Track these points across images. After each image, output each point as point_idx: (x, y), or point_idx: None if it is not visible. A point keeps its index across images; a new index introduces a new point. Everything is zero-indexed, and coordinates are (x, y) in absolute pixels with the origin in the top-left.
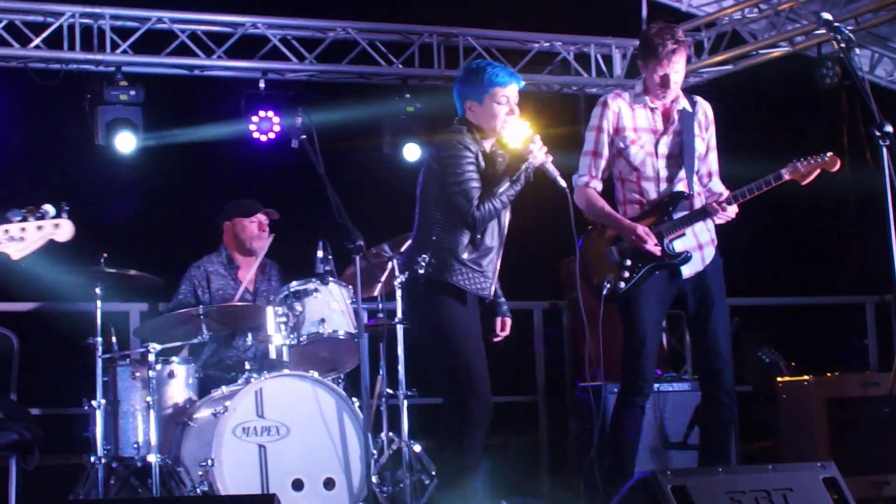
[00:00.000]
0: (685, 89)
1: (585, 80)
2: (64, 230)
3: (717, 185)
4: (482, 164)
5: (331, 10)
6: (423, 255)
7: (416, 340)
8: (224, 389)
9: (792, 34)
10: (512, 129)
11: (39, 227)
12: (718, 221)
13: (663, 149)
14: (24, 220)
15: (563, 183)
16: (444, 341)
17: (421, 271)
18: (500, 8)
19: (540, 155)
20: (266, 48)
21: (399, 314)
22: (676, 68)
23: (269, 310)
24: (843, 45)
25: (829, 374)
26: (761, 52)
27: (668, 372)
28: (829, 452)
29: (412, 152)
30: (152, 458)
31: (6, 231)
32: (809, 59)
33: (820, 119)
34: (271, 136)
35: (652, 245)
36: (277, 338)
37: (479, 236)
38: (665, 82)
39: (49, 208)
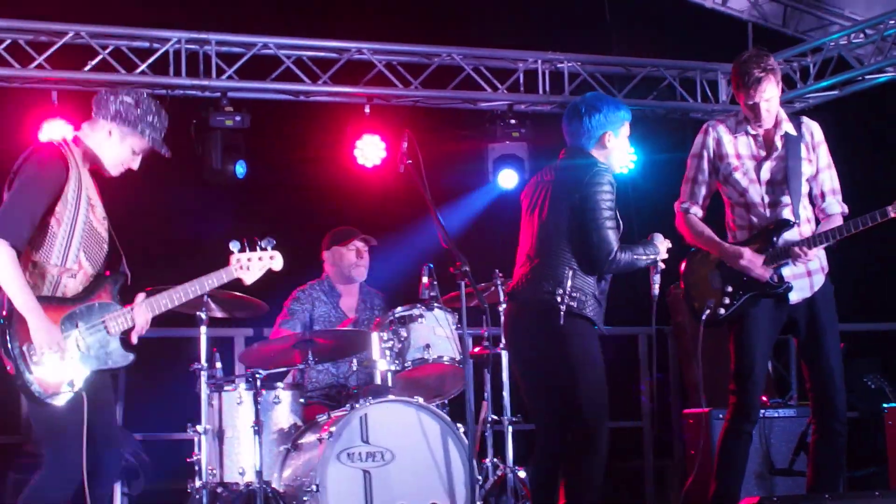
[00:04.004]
0: (791, 114)
1: (690, 105)
2: (278, 261)
3: (833, 206)
4: None
5: (435, 35)
6: (561, 286)
7: (543, 368)
8: (329, 415)
9: None
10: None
11: (261, 259)
12: (801, 263)
13: (766, 174)
14: (243, 249)
15: (656, 292)
16: (588, 372)
17: (560, 302)
18: (605, 34)
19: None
20: (371, 73)
21: (504, 340)
22: (765, 96)
23: (375, 335)
24: None
25: None
26: (867, 77)
27: (773, 398)
28: None
29: (509, 179)
30: (257, 484)
31: (238, 261)
32: None
33: None
34: (376, 161)
35: (760, 270)
36: (382, 363)
37: None
38: (755, 111)
39: (266, 242)
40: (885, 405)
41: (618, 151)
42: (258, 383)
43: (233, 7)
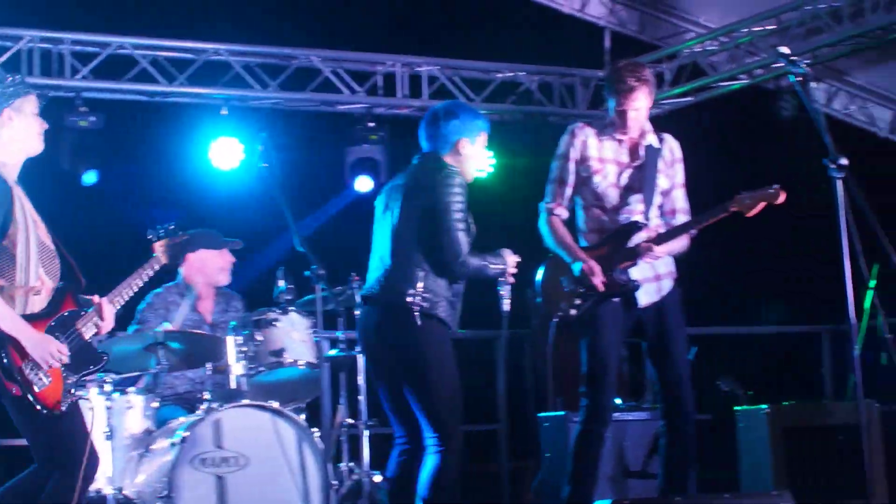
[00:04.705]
0: (656, 128)
1: (548, 110)
2: None
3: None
4: None
5: (295, 38)
6: (413, 288)
7: (397, 370)
8: (182, 420)
9: (751, 67)
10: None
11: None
12: (649, 261)
13: (625, 181)
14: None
15: (506, 308)
16: (441, 373)
17: (411, 303)
18: (464, 38)
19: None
20: (229, 75)
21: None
22: (635, 105)
23: (230, 339)
24: (799, 78)
25: (785, 403)
26: (721, 84)
27: (628, 401)
28: (786, 481)
29: (365, 183)
30: (108, 490)
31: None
32: (768, 91)
33: (777, 151)
34: (233, 163)
35: (598, 281)
36: (237, 368)
37: None
38: (623, 118)
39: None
40: (736, 408)
41: (472, 160)
42: (109, 388)
43: (88, 6)
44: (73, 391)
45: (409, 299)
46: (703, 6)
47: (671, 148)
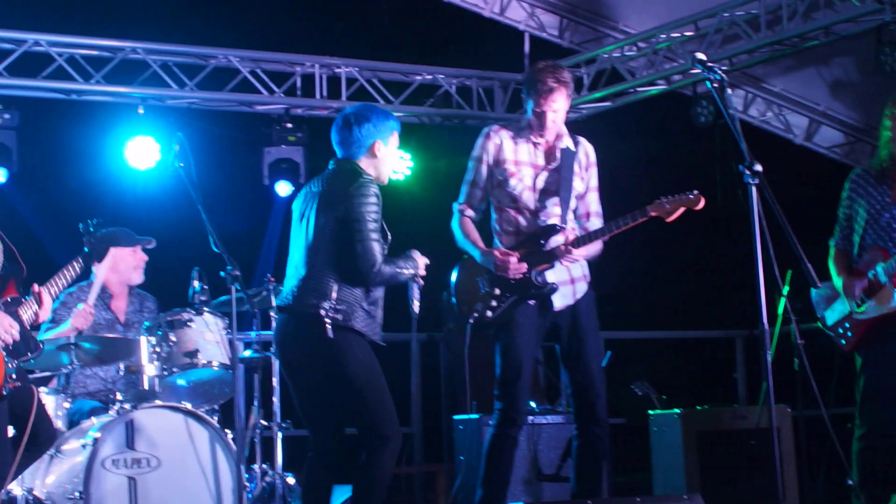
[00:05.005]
0: (571, 131)
1: (467, 112)
2: None
3: (596, 226)
4: None
5: (213, 38)
6: (326, 299)
7: (317, 379)
8: (94, 420)
9: (669, 73)
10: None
11: None
12: (566, 264)
13: (541, 183)
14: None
15: (416, 309)
16: (369, 382)
17: (325, 315)
18: (384, 40)
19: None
20: (146, 73)
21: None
22: (554, 107)
23: (143, 340)
24: (716, 84)
25: (698, 408)
26: (639, 89)
27: (543, 404)
28: (699, 485)
29: (283, 186)
30: (18, 491)
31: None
32: (686, 97)
33: (695, 156)
34: (149, 163)
35: (514, 265)
36: (150, 368)
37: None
38: (541, 119)
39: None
40: (650, 412)
41: (387, 161)
42: None
43: (3, 2)
44: (13, 376)
45: (322, 311)
46: (622, 12)
47: (586, 151)
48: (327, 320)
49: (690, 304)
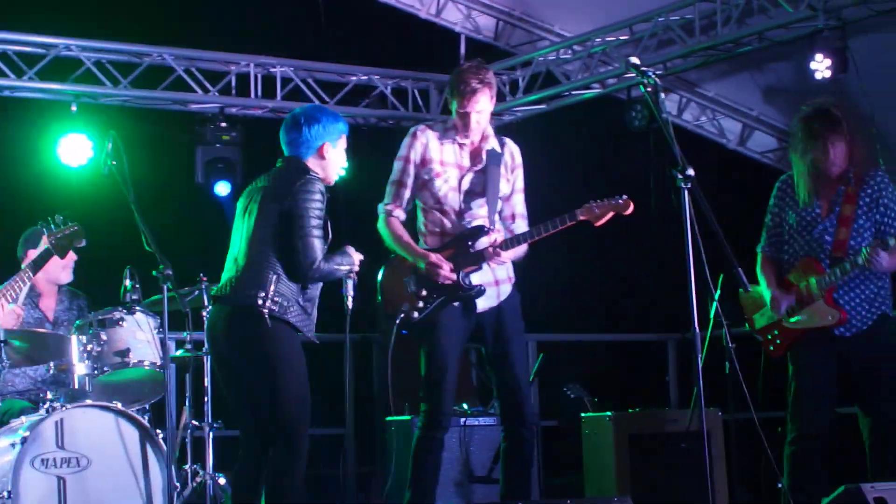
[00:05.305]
0: (499, 128)
1: (402, 114)
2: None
3: (522, 228)
4: None
5: (147, 35)
6: (264, 291)
7: (244, 372)
8: (23, 419)
9: (603, 76)
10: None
11: (67, 233)
12: (495, 265)
13: (467, 185)
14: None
15: (350, 305)
16: (289, 376)
17: (261, 306)
18: (320, 40)
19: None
20: (79, 71)
21: (206, 345)
22: (478, 108)
23: (73, 338)
24: (649, 88)
25: (630, 411)
26: (574, 92)
27: (475, 406)
28: (630, 487)
29: (219, 185)
30: None
31: (51, 238)
32: (621, 101)
33: (629, 160)
34: (82, 161)
35: (446, 272)
36: (80, 367)
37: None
38: (465, 120)
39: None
40: (583, 414)
41: (335, 163)
42: None
43: None
44: None
45: (259, 302)
46: (558, 15)
47: (512, 153)
48: (264, 310)
49: (623, 307)
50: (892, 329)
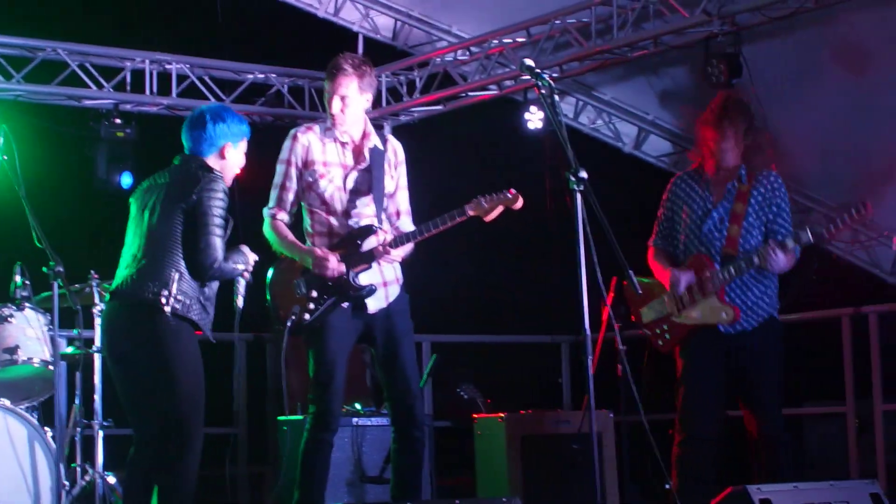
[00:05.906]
0: (396, 128)
1: (298, 112)
2: None
3: (407, 225)
4: None
5: (41, 30)
6: (167, 288)
7: (141, 369)
8: None
9: (500, 78)
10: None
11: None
12: (387, 263)
13: (351, 184)
14: None
15: (240, 304)
16: (185, 373)
17: (164, 303)
18: (216, 37)
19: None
20: None
21: (98, 342)
22: (341, 92)
23: None
24: (544, 91)
25: (523, 412)
26: (471, 94)
27: (368, 406)
28: (522, 488)
29: (120, 180)
30: None
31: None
32: (518, 103)
33: (526, 162)
34: None
35: (334, 263)
36: None
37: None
38: (332, 107)
39: None
40: (476, 415)
41: (233, 164)
42: None
43: None
44: None
45: (163, 300)
46: (456, 16)
47: (395, 149)
48: (167, 308)
49: (517, 309)
50: (778, 334)
